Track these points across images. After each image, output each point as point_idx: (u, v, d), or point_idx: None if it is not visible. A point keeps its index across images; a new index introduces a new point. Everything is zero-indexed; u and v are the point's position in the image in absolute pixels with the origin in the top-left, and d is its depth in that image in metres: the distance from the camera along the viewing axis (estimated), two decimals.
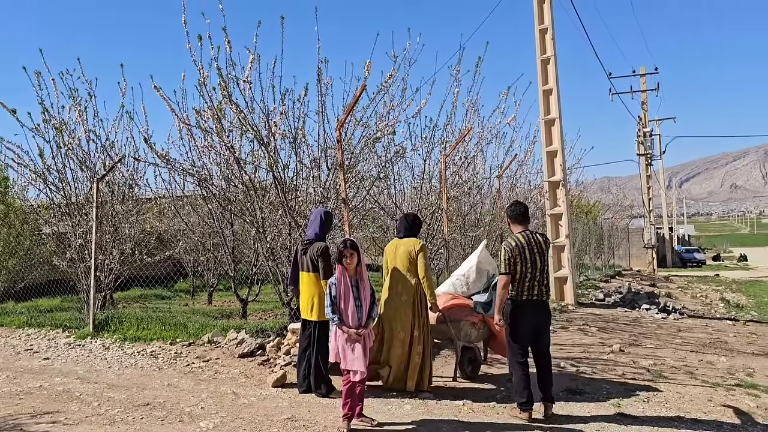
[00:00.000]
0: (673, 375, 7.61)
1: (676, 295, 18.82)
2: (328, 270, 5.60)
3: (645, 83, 34.54)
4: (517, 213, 5.54)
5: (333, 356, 4.87)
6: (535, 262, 5.36)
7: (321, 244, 5.75)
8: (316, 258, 5.67)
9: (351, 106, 6.82)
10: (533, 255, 5.36)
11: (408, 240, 6.06)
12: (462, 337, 6.59)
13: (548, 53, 13.36)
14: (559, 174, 13.21)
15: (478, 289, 6.95)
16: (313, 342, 5.80)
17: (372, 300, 5.03)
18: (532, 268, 5.33)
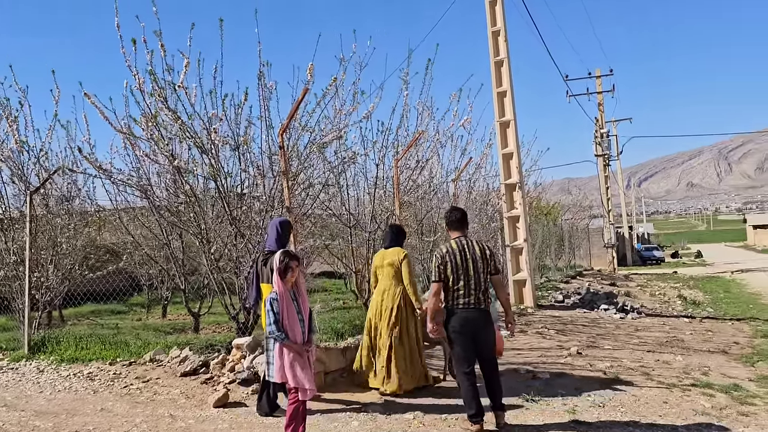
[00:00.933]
0: (630, 377, 7.54)
1: (635, 294, 19.00)
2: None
3: (601, 85, 35.12)
4: (452, 219, 5.46)
5: (279, 376, 4.59)
6: (467, 269, 5.18)
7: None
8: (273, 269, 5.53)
9: (293, 111, 6.57)
10: (465, 262, 5.20)
11: (393, 250, 6.45)
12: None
13: (501, 55, 13.33)
14: (515, 176, 13.16)
15: None
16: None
17: (311, 313, 4.80)
18: (464, 276, 5.16)
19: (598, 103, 34.98)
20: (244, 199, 7.36)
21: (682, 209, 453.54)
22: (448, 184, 12.11)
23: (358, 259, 10.53)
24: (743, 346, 10.24)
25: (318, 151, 7.37)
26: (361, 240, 10.43)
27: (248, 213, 7.22)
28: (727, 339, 10.93)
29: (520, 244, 13.06)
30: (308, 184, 7.89)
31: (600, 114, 34.61)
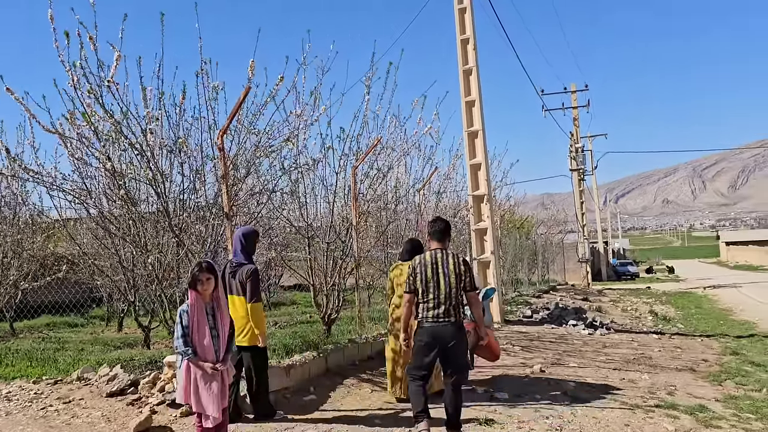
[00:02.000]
0: (592, 397, 7.17)
1: (606, 309, 18.75)
2: (255, 292, 5.33)
3: (576, 100, 35.20)
4: (434, 230, 5.42)
5: (182, 396, 4.12)
6: (438, 282, 5.12)
7: (250, 266, 5.45)
8: (244, 279, 5.34)
9: (234, 112, 6.15)
10: (436, 275, 5.14)
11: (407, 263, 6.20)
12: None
13: (470, 64, 13.05)
14: (483, 188, 12.84)
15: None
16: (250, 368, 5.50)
17: (231, 330, 4.35)
18: (434, 288, 5.11)
19: (574, 118, 35.06)
20: (186, 206, 6.87)
21: (657, 225, 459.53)
22: (414, 194, 11.70)
23: (318, 271, 10.05)
24: (711, 363, 9.97)
25: (265, 155, 6.93)
26: (321, 251, 9.97)
27: (188, 221, 6.73)
28: (695, 356, 10.65)
29: (488, 257, 12.70)
30: (258, 191, 7.43)
31: (575, 129, 34.67)
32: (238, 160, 6.60)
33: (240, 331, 5.37)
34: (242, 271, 5.39)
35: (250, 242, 5.60)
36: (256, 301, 5.36)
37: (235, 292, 5.41)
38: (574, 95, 35.10)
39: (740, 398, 7.44)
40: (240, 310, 5.39)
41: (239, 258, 5.50)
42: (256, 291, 5.36)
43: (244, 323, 5.38)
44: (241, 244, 5.52)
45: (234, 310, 5.39)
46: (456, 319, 5.15)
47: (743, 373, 9.01)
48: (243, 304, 5.38)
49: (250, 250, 5.58)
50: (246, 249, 5.53)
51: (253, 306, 5.32)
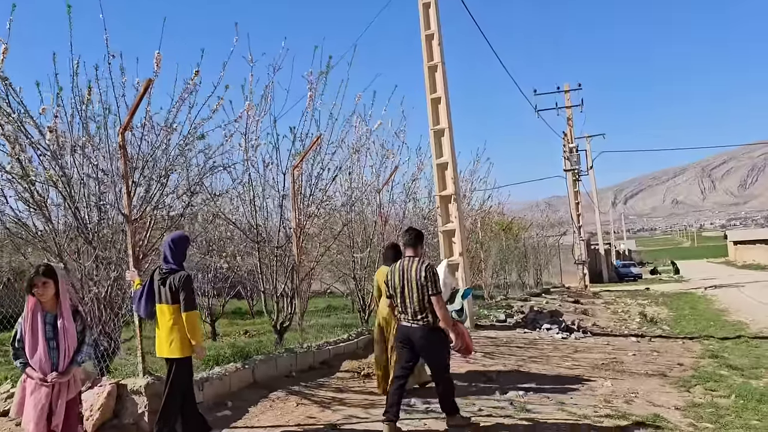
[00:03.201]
0: (540, 406, 6.66)
1: (594, 312, 18.17)
2: (189, 301, 5.00)
3: (570, 99, 34.62)
4: (406, 240, 5.80)
5: (16, 410, 3.67)
6: (403, 288, 5.57)
7: (183, 273, 5.10)
8: (176, 288, 5.00)
9: (135, 106, 5.72)
10: (402, 281, 5.58)
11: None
12: None
13: (436, 60, 12.57)
14: (451, 187, 12.33)
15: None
16: (169, 382, 5.10)
17: (82, 340, 3.89)
18: (400, 294, 5.58)
19: (567, 118, 34.43)
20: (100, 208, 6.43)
21: (667, 226, 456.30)
22: (374, 195, 11.22)
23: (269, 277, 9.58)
24: (686, 367, 9.41)
25: (180, 151, 6.48)
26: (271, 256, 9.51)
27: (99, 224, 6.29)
28: (671, 360, 10.10)
29: (456, 259, 12.18)
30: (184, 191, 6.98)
31: (569, 128, 34.06)
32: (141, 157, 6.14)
33: (166, 341, 5.05)
34: (173, 278, 5.05)
35: (180, 248, 5.23)
36: (192, 309, 5.02)
37: (164, 300, 5.07)
38: (567, 95, 34.51)
39: (704, 405, 6.91)
40: (167, 319, 5.05)
41: (169, 265, 5.15)
42: (190, 299, 5.04)
43: (170, 333, 5.03)
44: (171, 250, 5.16)
45: (162, 319, 5.09)
46: (425, 321, 5.53)
47: (716, 378, 8.46)
48: (171, 312, 5.03)
49: (180, 256, 5.22)
50: (175, 255, 5.18)
51: (188, 315, 4.98)
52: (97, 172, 6.17)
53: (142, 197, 6.24)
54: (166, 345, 5.03)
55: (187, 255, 5.35)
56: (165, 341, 5.04)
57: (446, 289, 7.50)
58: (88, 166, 6.16)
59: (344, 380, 7.73)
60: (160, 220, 6.94)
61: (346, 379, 7.78)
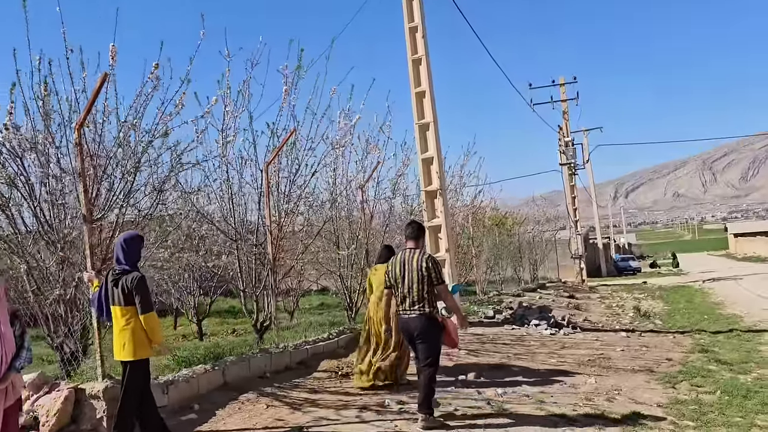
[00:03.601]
0: (518, 406, 6.48)
1: (586, 307, 17.97)
2: (146, 302, 4.85)
3: (565, 93, 34.34)
4: (408, 232, 6.06)
5: None
6: (404, 278, 5.74)
7: (136, 274, 4.94)
8: (129, 289, 4.85)
9: (91, 102, 5.53)
10: (403, 272, 5.76)
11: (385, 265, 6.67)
12: None
13: (420, 53, 12.36)
14: (436, 183, 12.13)
15: None
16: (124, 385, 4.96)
17: (21, 345, 3.73)
18: (401, 284, 5.75)
19: (563, 111, 34.16)
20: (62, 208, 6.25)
21: (669, 219, 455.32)
22: (355, 192, 11.04)
23: (247, 275, 9.41)
24: (675, 362, 9.24)
25: (143, 150, 6.29)
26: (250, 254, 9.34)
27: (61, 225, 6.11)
28: (660, 355, 9.92)
29: (442, 255, 11.98)
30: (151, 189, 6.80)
31: (564, 122, 33.78)
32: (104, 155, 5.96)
33: (119, 343, 4.91)
34: (125, 279, 4.90)
35: (134, 248, 5.06)
36: (148, 311, 4.87)
37: (117, 302, 4.92)
38: (562, 88, 34.20)
39: (687, 402, 6.73)
40: (120, 321, 4.91)
41: (122, 265, 4.98)
42: (146, 300, 4.89)
43: (123, 335, 4.89)
44: (123, 251, 5.00)
45: (115, 321, 4.95)
46: (422, 311, 5.66)
47: (704, 374, 8.28)
48: (124, 314, 4.89)
49: (133, 257, 5.06)
50: (128, 255, 5.01)
51: (145, 317, 4.84)
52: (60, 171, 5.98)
53: (104, 196, 6.05)
54: (119, 347, 4.90)
55: (141, 255, 5.16)
56: (118, 344, 4.90)
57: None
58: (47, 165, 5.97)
59: (320, 380, 7.56)
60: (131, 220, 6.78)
61: (322, 380, 7.61)
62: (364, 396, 6.85)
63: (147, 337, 4.90)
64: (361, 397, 6.77)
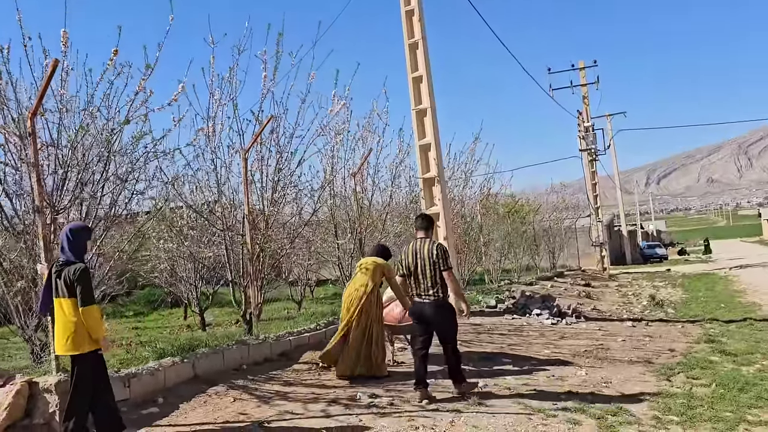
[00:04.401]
0: (495, 401, 6.22)
1: (598, 296, 17.51)
2: (87, 294, 4.70)
3: (585, 77, 33.52)
4: (419, 223, 6.49)
5: None
6: (416, 266, 6.16)
7: (79, 265, 4.80)
8: (71, 281, 4.72)
9: (42, 91, 5.40)
10: (415, 260, 6.18)
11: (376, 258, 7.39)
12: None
13: (416, 37, 12.05)
14: (434, 170, 11.84)
15: None
16: (72, 380, 4.83)
17: None
18: (414, 271, 6.18)
19: (583, 96, 33.34)
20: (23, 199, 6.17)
21: (702, 205, 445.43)
22: (347, 181, 10.82)
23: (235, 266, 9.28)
24: (676, 353, 8.87)
25: (107, 140, 6.16)
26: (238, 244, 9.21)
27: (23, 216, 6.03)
28: (663, 345, 9.55)
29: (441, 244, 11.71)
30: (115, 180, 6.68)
31: (585, 107, 32.99)
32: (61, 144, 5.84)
33: (63, 337, 4.78)
34: (68, 271, 4.77)
35: (79, 239, 4.92)
36: (89, 304, 4.71)
37: (60, 293, 4.80)
38: (582, 72, 33.37)
39: (678, 396, 6.40)
40: (64, 313, 4.78)
41: (66, 256, 4.86)
42: (87, 293, 4.73)
43: (67, 328, 4.76)
44: (68, 241, 4.86)
45: (59, 313, 4.81)
46: (436, 296, 6.10)
47: (704, 365, 7.91)
48: (68, 306, 4.76)
49: (79, 248, 4.91)
50: (74, 246, 4.87)
51: (85, 310, 4.68)
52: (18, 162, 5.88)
53: (58, 186, 5.94)
54: (62, 341, 4.75)
55: (88, 247, 5.01)
56: (62, 337, 4.76)
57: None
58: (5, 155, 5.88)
59: (299, 372, 7.40)
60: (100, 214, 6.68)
61: (301, 372, 7.44)
62: (339, 389, 6.67)
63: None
64: (335, 390, 6.59)
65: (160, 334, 11.60)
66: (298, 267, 15.30)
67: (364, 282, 7.23)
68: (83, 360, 4.79)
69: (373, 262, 7.39)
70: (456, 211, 15.88)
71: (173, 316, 16.44)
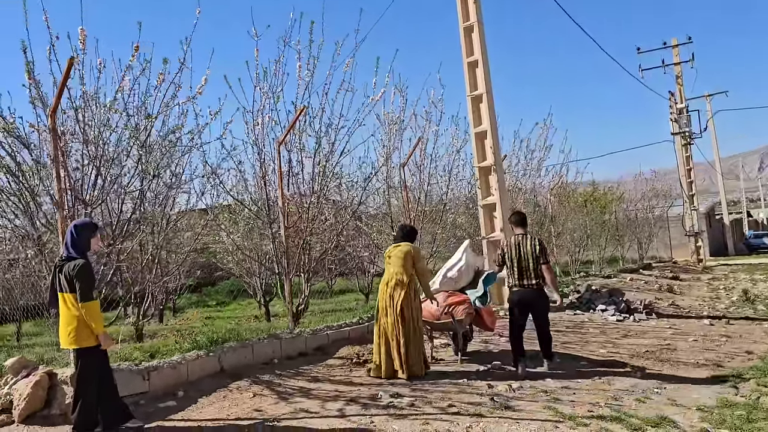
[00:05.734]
0: (526, 404, 5.80)
1: (683, 290, 16.24)
2: (85, 290, 4.79)
3: (678, 55, 31.28)
4: (515, 219, 7.31)
5: None
6: (519, 259, 6.97)
7: (79, 261, 4.89)
8: (70, 276, 4.83)
9: (60, 89, 5.51)
10: (519, 253, 6.97)
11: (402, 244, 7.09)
12: (461, 326, 7.52)
13: (472, 20, 11.53)
14: (490, 158, 11.32)
15: (465, 283, 7.94)
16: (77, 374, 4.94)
17: None
18: (517, 264, 6.97)
19: (676, 76, 31.11)
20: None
21: None
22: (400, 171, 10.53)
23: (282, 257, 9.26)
24: (754, 356, 8.02)
25: (132, 135, 6.23)
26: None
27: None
28: (739, 347, 8.65)
29: (497, 235, 11.19)
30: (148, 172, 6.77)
31: (678, 87, 30.79)
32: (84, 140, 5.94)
33: (65, 331, 4.87)
34: (69, 266, 4.86)
35: (83, 236, 5.00)
36: (88, 300, 4.79)
37: (63, 288, 4.90)
38: (675, 50, 31.09)
39: (739, 406, 5.71)
40: (66, 308, 4.88)
41: (69, 252, 4.96)
42: (86, 289, 4.80)
43: (69, 323, 4.85)
44: (72, 237, 4.96)
45: (62, 307, 4.92)
46: (537, 285, 6.93)
47: None
48: (69, 301, 4.85)
49: (82, 245, 4.99)
50: (77, 243, 4.96)
51: (85, 306, 4.76)
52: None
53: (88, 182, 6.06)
54: (65, 335, 4.83)
55: (92, 244, 5.04)
56: (64, 331, 4.84)
57: (469, 270, 8.00)
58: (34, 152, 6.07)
59: (330, 368, 7.24)
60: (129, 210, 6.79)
61: (333, 367, 7.29)
62: (364, 386, 6.45)
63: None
64: (359, 388, 6.37)
65: (228, 324, 11.85)
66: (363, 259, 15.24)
67: (391, 275, 6.91)
68: (86, 353, 4.86)
69: (398, 249, 6.99)
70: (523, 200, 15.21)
71: (251, 306, 16.85)
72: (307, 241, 8.83)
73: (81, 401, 4.89)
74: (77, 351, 4.88)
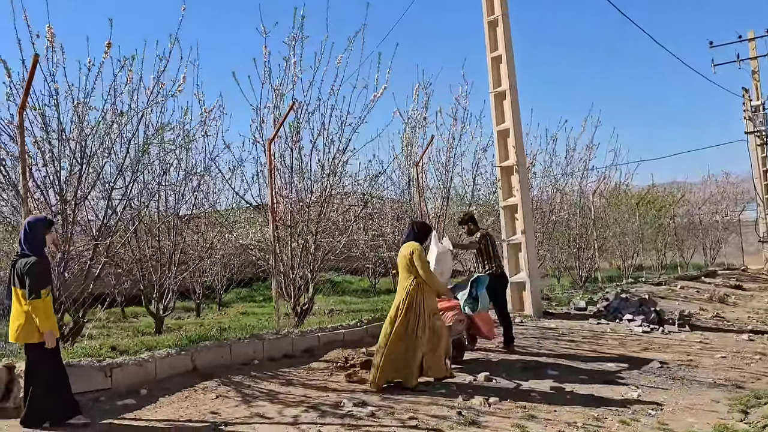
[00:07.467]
0: (496, 420, 5.41)
1: (736, 301, 15.04)
2: (33, 287, 4.80)
3: (755, 48, 29.15)
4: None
5: None
6: None
7: (31, 258, 4.94)
8: (21, 273, 4.89)
9: (27, 85, 5.59)
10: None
11: (407, 244, 6.48)
12: (453, 333, 7.05)
13: (496, 13, 11.04)
14: (512, 158, 10.79)
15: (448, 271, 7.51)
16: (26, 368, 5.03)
17: None
18: None
19: (753, 71, 29.06)
20: None
21: None
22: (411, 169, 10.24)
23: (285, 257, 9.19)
24: None
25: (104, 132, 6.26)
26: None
27: None
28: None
29: (518, 238, 10.66)
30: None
31: (754, 83, 28.74)
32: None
33: (14, 325, 4.92)
34: (21, 263, 4.92)
35: (37, 232, 5.02)
36: (35, 297, 4.80)
37: (14, 282, 4.97)
38: (752, 43, 29.06)
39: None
40: (17, 303, 4.94)
41: (23, 248, 5.00)
42: (34, 286, 4.81)
43: (18, 317, 4.90)
44: (25, 233, 5.00)
45: (15, 302, 4.97)
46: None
47: None
48: (18, 296, 4.91)
49: (35, 241, 5.01)
50: (30, 239, 4.98)
51: (32, 303, 4.78)
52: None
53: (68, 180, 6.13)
54: (13, 329, 4.88)
55: (47, 240, 5.05)
56: (12, 325, 4.88)
57: (444, 258, 7.30)
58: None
59: (311, 371, 7.03)
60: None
61: (315, 371, 7.07)
62: (336, 393, 6.21)
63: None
64: (329, 395, 6.14)
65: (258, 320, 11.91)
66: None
67: (399, 280, 6.49)
68: (35, 349, 4.87)
69: (401, 250, 6.51)
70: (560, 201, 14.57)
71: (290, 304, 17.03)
72: (306, 239, 8.69)
73: (30, 395, 4.92)
74: (26, 346, 4.92)
